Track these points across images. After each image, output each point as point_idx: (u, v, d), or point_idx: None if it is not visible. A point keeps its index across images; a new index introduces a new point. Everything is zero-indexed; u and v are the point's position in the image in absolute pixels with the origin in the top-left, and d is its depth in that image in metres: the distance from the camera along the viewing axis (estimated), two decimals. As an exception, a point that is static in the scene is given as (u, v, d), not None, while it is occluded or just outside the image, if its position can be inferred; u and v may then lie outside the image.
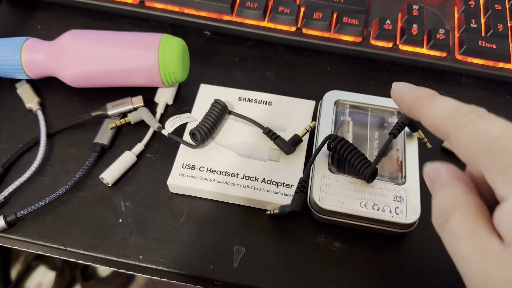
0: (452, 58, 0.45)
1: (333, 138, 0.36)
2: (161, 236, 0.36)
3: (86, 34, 0.42)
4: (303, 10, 0.46)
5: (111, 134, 0.41)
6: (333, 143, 0.36)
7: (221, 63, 0.47)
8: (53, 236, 0.37)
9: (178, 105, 0.44)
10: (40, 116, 0.42)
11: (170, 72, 0.40)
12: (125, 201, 0.38)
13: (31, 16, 0.50)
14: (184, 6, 0.47)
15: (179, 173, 0.38)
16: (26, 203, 0.38)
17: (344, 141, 0.36)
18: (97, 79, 0.41)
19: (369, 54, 0.46)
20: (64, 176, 0.39)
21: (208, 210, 0.38)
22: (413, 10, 0.47)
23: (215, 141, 0.40)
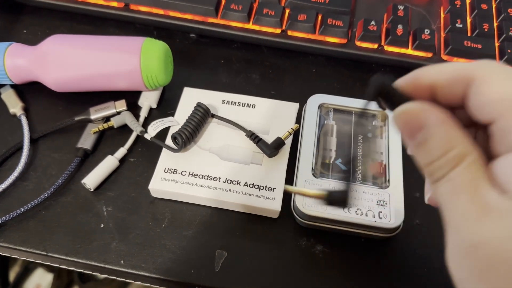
0: (437, 58, 0.45)
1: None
2: (143, 241, 0.36)
3: (69, 39, 0.41)
4: (288, 12, 0.46)
5: (94, 139, 0.41)
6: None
7: (207, 65, 0.47)
8: (35, 241, 0.37)
9: (162, 108, 0.44)
10: (23, 121, 0.42)
11: (152, 75, 0.40)
12: (107, 206, 0.38)
13: (16, 20, 0.50)
14: (169, 9, 0.47)
15: (161, 177, 0.38)
16: (8, 208, 0.38)
17: None
18: (80, 83, 0.41)
19: (354, 55, 0.45)
20: (47, 181, 0.39)
21: (190, 214, 0.38)
22: (398, 10, 0.46)
23: (198, 144, 0.40)
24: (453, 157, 0.20)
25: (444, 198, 0.20)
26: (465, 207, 0.19)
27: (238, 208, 0.37)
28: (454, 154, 0.20)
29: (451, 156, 0.20)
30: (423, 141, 0.21)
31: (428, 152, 0.21)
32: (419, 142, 0.21)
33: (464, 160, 0.20)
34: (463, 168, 0.20)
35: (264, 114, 0.41)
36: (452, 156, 0.20)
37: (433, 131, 0.21)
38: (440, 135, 0.21)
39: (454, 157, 0.20)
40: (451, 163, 0.20)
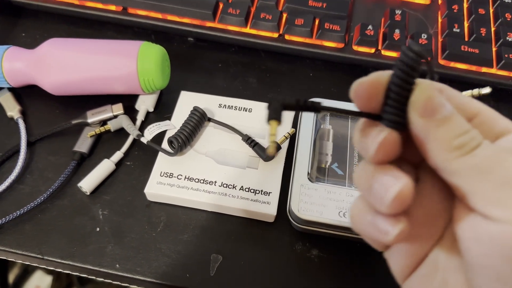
0: (435, 62, 0.45)
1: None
2: (138, 245, 0.36)
3: (66, 43, 0.42)
4: (285, 16, 0.46)
5: (91, 142, 0.41)
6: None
7: (204, 69, 0.47)
8: (31, 245, 0.37)
9: (159, 112, 0.44)
10: (21, 124, 0.42)
11: (149, 79, 0.40)
12: (103, 210, 0.38)
13: (15, 23, 0.50)
14: (167, 13, 0.47)
15: (157, 181, 0.38)
16: (5, 211, 0.38)
17: None
18: (77, 87, 0.41)
19: (351, 60, 0.45)
20: (43, 184, 0.39)
21: (186, 218, 0.38)
22: (395, 15, 0.46)
23: (194, 148, 0.40)
24: (476, 133, 0.21)
25: (471, 171, 0.20)
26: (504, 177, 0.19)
27: (234, 212, 0.37)
28: (476, 131, 0.21)
29: (476, 132, 0.21)
30: (449, 116, 0.21)
31: (455, 127, 0.21)
32: (445, 118, 0.21)
33: (483, 140, 0.20)
34: (486, 145, 0.20)
35: (261, 118, 0.41)
36: (476, 132, 0.21)
37: (455, 111, 0.21)
38: (459, 114, 0.21)
39: (477, 133, 0.21)
40: (478, 138, 0.20)
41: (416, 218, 0.24)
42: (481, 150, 0.20)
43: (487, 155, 0.20)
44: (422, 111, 0.21)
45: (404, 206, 0.21)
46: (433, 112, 0.20)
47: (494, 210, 0.19)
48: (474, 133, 0.21)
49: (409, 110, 0.21)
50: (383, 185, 0.21)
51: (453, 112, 0.21)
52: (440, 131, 0.20)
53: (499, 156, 0.20)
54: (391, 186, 0.21)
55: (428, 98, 0.21)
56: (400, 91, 0.21)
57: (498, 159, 0.20)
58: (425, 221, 0.24)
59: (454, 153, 0.20)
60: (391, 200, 0.21)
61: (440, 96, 0.21)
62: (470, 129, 0.21)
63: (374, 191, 0.22)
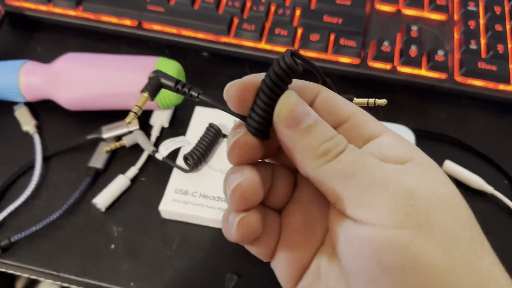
0: (451, 79, 0.44)
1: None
2: (153, 263, 0.36)
3: (82, 58, 0.42)
4: (300, 32, 0.46)
5: (106, 158, 0.41)
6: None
7: (218, 84, 0.47)
8: (45, 261, 0.37)
9: (174, 127, 0.44)
10: (36, 139, 0.42)
11: (165, 95, 0.40)
12: (118, 226, 0.38)
13: (31, 37, 0.50)
14: (182, 28, 0.47)
15: (172, 198, 0.38)
16: (20, 227, 0.38)
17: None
18: (92, 102, 0.41)
19: (367, 75, 0.45)
20: (58, 200, 0.39)
21: (201, 236, 0.38)
22: (411, 31, 0.46)
23: (209, 165, 0.40)
24: (341, 139, 0.21)
25: (337, 177, 0.20)
26: (367, 180, 0.20)
27: (249, 231, 0.37)
28: (341, 137, 0.21)
29: (340, 137, 0.21)
30: (313, 125, 0.21)
31: (319, 134, 0.21)
32: (309, 127, 0.21)
33: (348, 144, 0.21)
34: (351, 150, 0.21)
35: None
36: (340, 138, 0.21)
37: (318, 117, 0.21)
38: (324, 121, 0.21)
39: (342, 139, 0.21)
40: (342, 144, 0.21)
41: (294, 225, 0.24)
42: (345, 155, 0.20)
43: (351, 160, 0.20)
44: (286, 122, 0.21)
45: (247, 200, 0.21)
46: (297, 123, 0.21)
47: (361, 213, 0.20)
48: (338, 139, 0.21)
49: (274, 120, 0.21)
50: (229, 182, 0.22)
51: (317, 120, 0.21)
52: (304, 140, 0.21)
53: (362, 160, 0.20)
54: (233, 181, 0.21)
55: (291, 108, 0.21)
56: (266, 100, 0.21)
57: (361, 162, 0.20)
58: (304, 228, 0.24)
59: (319, 160, 0.20)
60: (230, 193, 0.21)
61: (304, 105, 0.21)
62: (335, 135, 0.21)
63: (225, 189, 0.22)
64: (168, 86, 0.22)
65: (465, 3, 0.49)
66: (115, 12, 0.47)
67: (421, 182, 0.20)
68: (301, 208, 0.24)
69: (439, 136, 0.43)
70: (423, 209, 0.19)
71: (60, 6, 0.48)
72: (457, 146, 0.43)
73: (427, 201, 0.19)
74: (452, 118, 0.45)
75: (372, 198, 0.19)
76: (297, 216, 0.24)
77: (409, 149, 0.22)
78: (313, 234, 0.24)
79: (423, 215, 0.19)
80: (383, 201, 0.19)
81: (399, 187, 0.19)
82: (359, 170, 0.20)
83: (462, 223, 0.19)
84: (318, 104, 0.23)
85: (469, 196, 0.40)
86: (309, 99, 0.23)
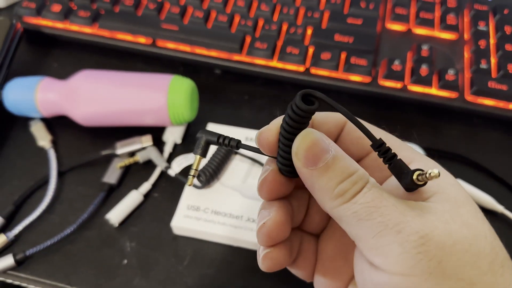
0: (462, 98, 0.45)
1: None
2: (165, 279, 0.37)
3: (98, 75, 0.43)
4: (312, 51, 0.47)
5: (120, 173, 0.42)
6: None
7: (231, 101, 0.48)
8: (60, 275, 0.37)
9: (186, 144, 0.44)
10: (51, 154, 0.43)
11: (178, 113, 0.41)
12: (131, 242, 0.38)
13: (47, 54, 0.51)
14: (195, 46, 0.48)
15: (184, 214, 0.38)
16: (35, 241, 0.38)
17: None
18: (107, 118, 0.42)
19: (378, 94, 0.46)
20: (72, 215, 0.40)
21: (212, 252, 0.38)
22: (422, 50, 0.47)
23: (221, 182, 0.40)
24: (359, 176, 0.20)
25: (352, 219, 0.20)
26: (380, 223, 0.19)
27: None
28: (359, 174, 0.20)
29: (358, 175, 0.20)
30: (331, 163, 0.20)
31: (336, 173, 0.20)
32: (326, 165, 0.20)
33: (368, 182, 0.20)
34: (368, 189, 0.20)
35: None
36: (359, 176, 0.20)
37: (338, 153, 0.21)
38: (345, 157, 0.21)
39: (360, 177, 0.20)
40: (360, 182, 0.20)
41: (328, 251, 0.25)
42: (361, 196, 0.20)
43: (367, 202, 0.20)
44: (304, 162, 0.21)
45: (271, 238, 0.22)
46: (314, 162, 0.20)
47: (375, 257, 0.19)
48: (356, 176, 0.20)
49: (293, 159, 0.21)
50: (258, 219, 0.23)
51: (335, 156, 0.20)
52: (322, 180, 0.20)
53: (378, 202, 0.20)
54: (261, 219, 0.22)
55: (308, 147, 0.20)
56: (286, 142, 0.22)
57: (376, 205, 0.19)
58: (337, 256, 0.24)
59: (336, 201, 0.20)
60: (257, 231, 0.22)
61: (323, 142, 0.21)
62: (354, 171, 0.20)
63: (257, 225, 0.23)
64: (213, 142, 0.24)
65: (476, 22, 0.49)
66: (130, 30, 0.48)
67: (439, 224, 0.19)
68: (335, 235, 0.25)
69: (450, 155, 0.44)
70: (436, 256, 0.18)
71: (77, 23, 0.50)
72: (468, 165, 0.43)
73: (441, 247, 0.18)
74: (462, 137, 0.45)
75: (384, 243, 0.19)
76: (331, 243, 0.25)
77: (436, 181, 0.21)
78: (346, 262, 0.24)
79: (435, 263, 0.18)
80: (394, 247, 0.19)
81: (411, 232, 0.19)
82: (374, 213, 0.19)
83: (483, 268, 0.18)
84: (345, 135, 0.23)
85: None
86: (334, 131, 0.23)
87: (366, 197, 0.20)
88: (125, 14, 0.50)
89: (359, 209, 0.19)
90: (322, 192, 0.20)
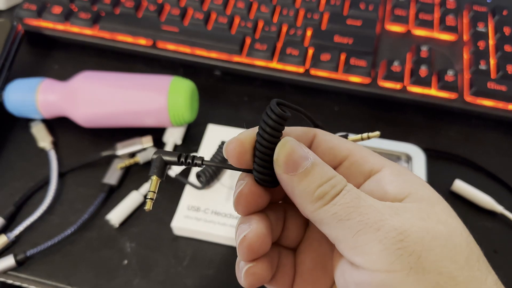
0: (461, 99, 0.45)
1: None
2: (164, 279, 0.37)
3: (98, 76, 0.43)
4: (311, 52, 0.47)
5: (120, 174, 0.42)
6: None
7: (230, 102, 0.48)
8: (60, 276, 0.37)
9: (186, 145, 0.44)
10: (52, 155, 0.43)
11: (179, 113, 0.41)
12: (131, 242, 0.39)
13: (48, 55, 0.51)
14: (195, 48, 0.48)
15: (184, 215, 0.38)
16: (35, 242, 0.39)
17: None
18: (107, 120, 0.42)
19: (377, 95, 0.46)
20: (73, 216, 0.40)
21: (212, 253, 0.38)
22: (421, 51, 0.47)
23: (221, 182, 0.40)
24: (337, 180, 0.21)
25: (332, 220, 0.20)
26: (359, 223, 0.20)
27: (260, 248, 0.38)
28: (337, 179, 0.21)
29: (337, 180, 0.21)
30: (310, 168, 0.21)
31: (315, 178, 0.21)
32: (306, 171, 0.21)
33: (346, 185, 0.21)
34: (346, 191, 0.21)
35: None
36: (337, 180, 0.21)
37: (317, 160, 0.21)
38: (323, 163, 0.21)
39: (338, 180, 0.21)
40: (338, 186, 0.21)
41: (306, 264, 0.24)
42: (340, 198, 0.20)
43: (345, 202, 0.20)
44: (285, 168, 0.21)
45: (253, 251, 0.22)
46: (295, 167, 0.21)
47: (355, 257, 0.20)
48: (335, 180, 0.21)
49: (274, 166, 0.22)
50: (238, 233, 0.22)
51: (314, 163, 0.21)
52: (302, 184, 0.21)
53: (357, 202, 0.20)
54: (241, 233, 0.22)
55: (288, 154, 0.21)
56: (264, 150, 0.22)
57: (355, 205, 0.20)
58: (316, 267, 0.24)
59: (316, 203, 0.20)
60: (238, 245, 0.22)
61: (302, 149, 0.21)
62: (333, 176, 0.21)
63: (235, 238, 0.23)
64: (173, 162, 0.23)
65: (475, 24, 0.49)
66: (130, 31, 0.49)
67: (416, 222, 0.19)
68: (312, 247, 0.25)
69: (449, 156, 0.44)
70: (415, 251, 0.19)
71: (77, 25, 0.50)
72: (467, 166, 0.43)
73: (420, 243, 0.19)
74: (462, 138, 0.45)
75: (364, 241, 0.19)
76: (309, 255, 0.24)
77: (408, 183, 0.22)
78: (325, 272, 0.24)
79: (414, 258, 0.18)
80: (374, 245, 0.19)
81: (390, 229, 0.19)
82: (353, 212, 0.20)
83: (460, 263, 0.19)
84: (315, 148, 0.24)
85: (479, 216, 0.40)
86: (305, 143, 0.23)
87: (346, 198, 0.20)
88: (125, 16, 0.50)
89: (339, 210, 0.20)
90: (302, 196, 0.21)
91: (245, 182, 0.22)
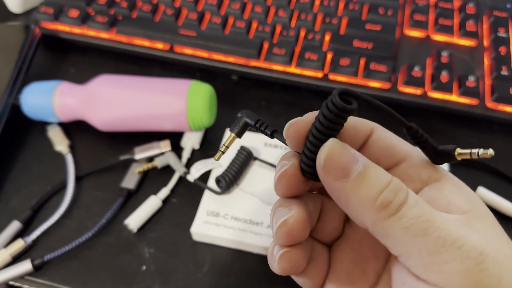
0: (482, 105, 0.44)
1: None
2: (183, 285, 0.36)
3: (116, 80, 0.43)
4: (330, 56, 0.47)
5: (138, 178, 0.41)
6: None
7: (248, 107, 0.47)
8: (77, 281, 0.37)
9: (204, 149, 0.44)
10: (69, 159, 0.42)
11: (197, 118, 0.41)
12: (149, 248, 0.38)
13: (64, 59, 0.51)
14: (213, 52, 0.47)
15: (203, 220, 0.38)
16: (52, 246, 0.38)
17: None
18: (125, 123, 0.42)
19: (397, 100, 0.45)
20: (90, 220, 0.40)
21: (232, 259, 0.37)
22: (442, 56, 0.46)
23: (240, 187, 0.40)
24: (397, 185, 0.19)
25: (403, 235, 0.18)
26: (437, 239, 0.18)
27: (280, 255, 0.37)
28: (396, 183, 0.19)
29: (396, 184, 0.19)
30: (364, 172, 0.19)
31: (373, 183, 0.19)
32: (360, 175, 0.19)
33: (408, 192, 0.19)
34: (415, 201, 0.19)
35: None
36: (397, 185, 0.19)
37: (367, 162, 0.19)
38: (375, 165, 0.19)
39: (398, 186, 0.19)
40: (401, 192, 0.19)
41: (344, 262, 0.23)
42: (409, 209, 0.18)
43: (417, 216, 0.18)
44: (334, 175, 0.19)
45: (292, 237, 0.21)
46: (346, 173, 0.19)
47: (429, 274, 0.18)
48: (395, 185, 0.19)
49: (318, 172, 0.20)
50: (276, 217, 0.21)
51: (366, 165, 0.19)
52: (358, 191, 0.19)
53: (430, 216, 0.18)
54: (281, 217, 0.21)
55: (337, 159, 0.19)
56: (315, 142, 0.20)
57: (430, 219, 0.18)
58: (354, 268, 0.23)
59: (380, 214, 0.19)
60: (276, 229, 0.21)
61: (349, 152, 0.19)
62: (390, 179, 0.19)
63: (272, 222, 0.22)
64: (251, 124, 0.23)
65: (495, 29, 0.49)
66: (147, 35, 0.48)
67: (489, 242, 0.19)
68: (352, 247, 0.23)
69: (471, 163, 0.43)
70: (495, 274, 0.18)
71: (94, 28, 0.50)
72: (490, 173, 0.43)
73: (498, 265, 0.18)
74: (483, 144, 0.45)
75: (443, 260, 0.18)
76: (348, 255, 0.23)
77: (470, 197, 0.21)
78: (364, 274, 0.23)
79: (495, 281, 0.18)
80: (454, 264, 0.18)
81: (471, 248, 0.18)
82: (429, 228, 0.18)
83: None
84: (372, 143, 0.22)
85: (502, 224, 0.39)
86: (362, 137, 0.22)
87: (416, 210, 0.18)
88: (142, 19, 0.50)
89: (412, 225, 0.18)
90: (362, 205, 0.19)
91: (290, 163, 0.21)
